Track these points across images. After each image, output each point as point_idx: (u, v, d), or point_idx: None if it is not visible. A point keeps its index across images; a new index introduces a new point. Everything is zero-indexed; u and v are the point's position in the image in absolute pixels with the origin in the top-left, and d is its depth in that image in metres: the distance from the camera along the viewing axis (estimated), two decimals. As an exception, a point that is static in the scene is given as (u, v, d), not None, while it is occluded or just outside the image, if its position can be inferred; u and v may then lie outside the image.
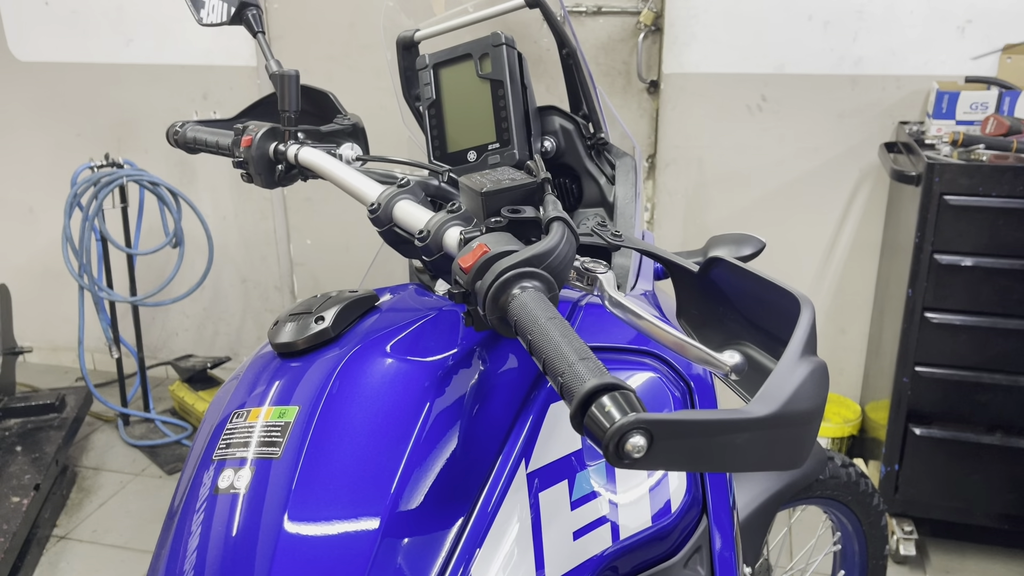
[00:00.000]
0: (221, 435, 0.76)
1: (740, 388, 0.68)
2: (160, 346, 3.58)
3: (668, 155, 2.81)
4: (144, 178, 2.94)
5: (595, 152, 1.08)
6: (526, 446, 0.78)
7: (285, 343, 0.82)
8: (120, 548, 2.54)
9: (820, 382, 0.57)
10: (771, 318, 0.65)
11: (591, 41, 2.78)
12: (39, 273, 3.55)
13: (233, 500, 0.70)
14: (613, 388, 0.52)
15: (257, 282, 3.40)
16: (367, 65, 2.96)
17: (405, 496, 0.70)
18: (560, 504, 0.80)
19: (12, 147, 3.45)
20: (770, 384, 0.55)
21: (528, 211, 0.72)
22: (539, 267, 0.64)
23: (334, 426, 0.73)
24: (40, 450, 2.68)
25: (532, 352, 0.59)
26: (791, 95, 2.64)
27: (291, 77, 1.00)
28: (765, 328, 0.68)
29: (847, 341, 2.82)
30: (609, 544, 0.84)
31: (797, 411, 0.54)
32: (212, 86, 3.15)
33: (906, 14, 2.48)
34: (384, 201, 0.80)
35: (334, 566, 0.66)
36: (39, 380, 3.45)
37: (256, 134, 1.00)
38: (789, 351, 0.57)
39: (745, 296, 0.71)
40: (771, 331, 0.66)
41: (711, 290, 0.76)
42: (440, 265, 0.74)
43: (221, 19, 1.09)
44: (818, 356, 0.58)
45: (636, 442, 0.50)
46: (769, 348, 0.67)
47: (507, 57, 0.95)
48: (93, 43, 3.21)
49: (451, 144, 1.01)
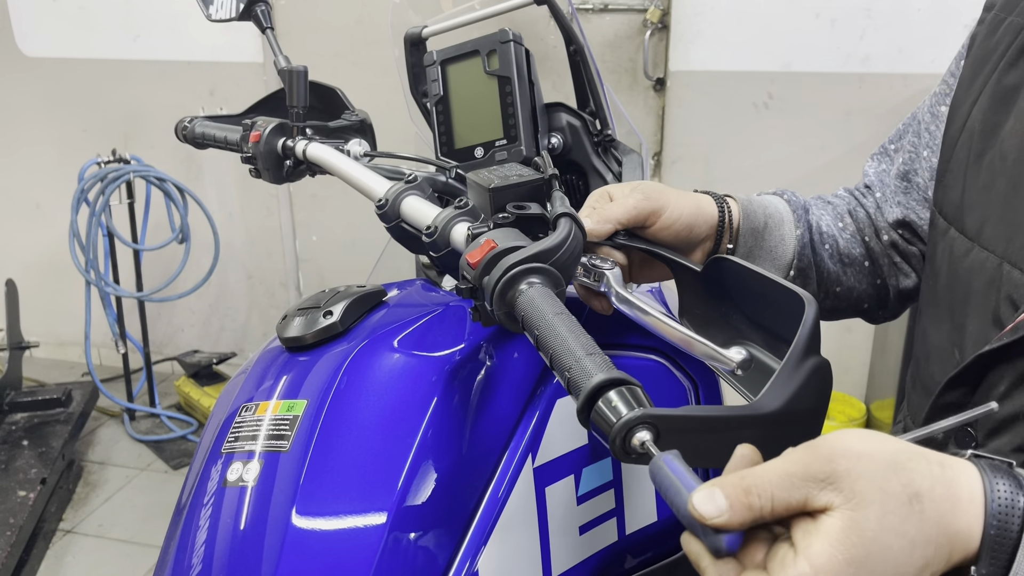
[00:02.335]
0: (230, 428, 0.77)
1: (742, 386, 0.68)
2: (166, 342, 3.59)
3: (674, 152, 2.81)
4: (151, 174, 2.95)
5: (602, 149, 1.08)
6: (533, 441, 0.78)
7: (293, 337, 0.83)
8: (126, 542, 2.56)
9: (823, 381, 0.58)
10: (774, 317, 0.65)
11: (597, 38, 2.78)
12: (46, 268, 3.56)
13: (242, 493, 0.71)
14: (620, 383, 0.53)
15: (263, 278, 3.41)
16: (374, 62, 2.96)
17: (412, 490, 0.70)
18: (566, 499, 0.80)
19: (19, 143, 3.46)
20: (775, 382, 0.56)
21: (533, 207, 0.72)
22: (546, 263, 0.64)
23: (342, 420, 0.73)
24: (47, 444, 2.69)
25: (539, 347, 0.60)
26: (798, 93, 2.64)
27: (300, 73, 1.00)
28: (768, 327, 0.68)
29: (852, 340, 2.81)
30: (615, 538, 0.85)
31: (801, 409, 0.55)
32: (219, 82, 3.16)
33: (914, 12, 2.48)
34: (392, 197, 0.80)
35: (342, 559, 0.67)
36: (46, 375, 3.46)
37: (264, 130, 1.01)
38: (793, 350, 0.57)
39: (748, 295, 0.71)
40: (774, 330, 0.66)
41: (714, 289, 0.76)
42: (447, 261, 0.74)
43: (230, 15, 1.09)
44: (822, 355, 0.58)
45: (642, 437, 0.51)
46: (772, 347, 0.67)
47: (515, 54, 0.96)
48: (100, 39, 3.22)
49: (458, 140, 1.01)
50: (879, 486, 0.47)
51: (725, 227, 0.87)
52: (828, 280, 0.95)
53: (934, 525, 0.47)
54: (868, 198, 1.00)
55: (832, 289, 0.96)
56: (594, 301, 0.79)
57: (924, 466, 0.48)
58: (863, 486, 0.47)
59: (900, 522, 0.46)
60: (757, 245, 0.90)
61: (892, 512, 0.46)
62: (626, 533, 0.85)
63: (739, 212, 0.89)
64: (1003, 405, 0.71)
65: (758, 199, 0.93)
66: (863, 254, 0.97)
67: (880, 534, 0.46)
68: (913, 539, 0.46)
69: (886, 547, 0.46)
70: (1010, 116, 0.77)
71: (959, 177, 0.83)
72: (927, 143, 0.94)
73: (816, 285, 0.94)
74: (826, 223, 0.96)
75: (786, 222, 0.93)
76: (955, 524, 0.47)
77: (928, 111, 0.95)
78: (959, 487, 0.48)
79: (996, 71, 0.81)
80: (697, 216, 0.84)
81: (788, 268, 0.92)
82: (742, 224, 0.89)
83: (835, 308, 0.98)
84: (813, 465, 0.48)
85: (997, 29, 0.83)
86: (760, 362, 0.69)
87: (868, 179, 1.02)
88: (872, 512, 0.46)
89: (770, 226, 0.91)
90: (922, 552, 0.46)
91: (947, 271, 0.82)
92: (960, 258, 0.80)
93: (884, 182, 0.99)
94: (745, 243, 0.89)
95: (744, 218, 0.89)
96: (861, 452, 0.48)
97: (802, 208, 0.96)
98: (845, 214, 0.99)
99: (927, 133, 0.94)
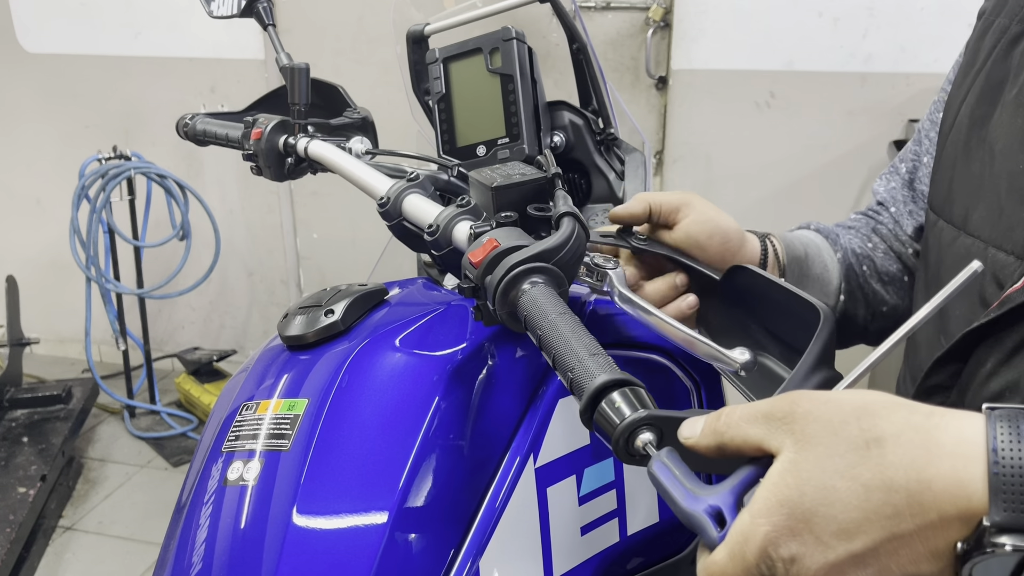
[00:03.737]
0: (230, 427, 0.77)
1: (747, 388, 0.68)
2: (166, 339, 3.59)
3: (676, 151, 2.80)
4: (152, 171, 2.95)
5: (604, 147, 1.07)
6: (535, 441, 0.78)
7: (295, 336, 0.82)
8: (125, 539, 2.55)
9: None
10: (792, 329, 0.65)
11: (600, 36, 2.77)
12: (46, 265, 3.56)
13: (242, 492, 0.70)
14: (623, 384, 0.52)
15: (263, 275, 3.41)
16: (375, 59, 2.96)
17: (414, 490, 0.70)
18: (568, 499, 0.80)
19: (20, 139, 3.46)
20: (783, 389, 0.55)
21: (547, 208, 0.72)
22: (549, 262, 0.64)
23: (343, 419, 0.73)
24: (47, 441, 2.69)
25: (542, 347, 0.59)
26: (800, 92, 2.64)
27: (301, 70, 1.00)
28: (784, 339, 0.68)
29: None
30: (617, 539, 0.84)
31: None
32: (220, 79, 3.16)
33: (916, 11, 2.47)
34: (394, 195, 0.80)
35: (343, 559, 0.66)
36: (46, 371, 3.46)
37: (266, 127, 1.01)
38: (804, 360, 0.57)
39: (766, 305, 0.70)
40: (791, 342, 0.66)
41: (732, 298, 0.76)
42: (449, 260, 0.74)
43: (232, 12, 1.09)
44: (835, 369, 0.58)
45: (645, 438, 0.50)
46: (786, 359, 0.67)
47: (517, 51, 0.95)
48: (102, 35, 3.22)
49: (460, 138, 1.00)
50: (832, 430, 0.45)
51: (770, 260, 0.87)
52: (874, 301, 0.96)
53: (901, 471, 0.43)
54: (883, 215, 1.01)
55: (879, 310, 0.96)
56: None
57: (901, 414, 0.45)
58: (814, 429, 0.46)
59: (849, 466, 0.44)
60: (803, 275, 0.91)
61: (840, 455, 0.44)
62: (628, 534, 0.85)
63: (781, 245, 0.90)
64: (991, 382, 0.71)
65: (792, 233, 0.94)
66: (900, 269, 0.98)
67: (819, 476, 0.44)
68: (868, 484, 0.44)
69: (826, 488, 0.44)
70: (997, 107, 0.79)
71: (948, 170, 0.85)
72: (927, 149, 0.95)
73: (864, 308, 0.95)
74: (858, 245, 0.97)
75: (824, 248, 0.94)
76: (931, 469, 0.43)
77: (928, 119, 0.96)
78: (941, 433, 0.44)
79: (984, 68, 0.83)
80: (734, 231, 0.83)
81: (838, 294, 0.93)
82: (787, 253, 0.89)
83: (883, 329, 0.97)
84: (777, 404, 0.48)
85: (987, 31, 0.85)
86: (772, 373, 0.68)
87: (879, 196, 1.02)
88: (813, 454, 0.45)
89: (810, 255, 0.92)
90: (883, 498, 0.43)
91: (935, 261, 0.84)
92: (947, 247, 0.81)
93: (895, 197, 1.00)
94: (792, 273, 0.90)
95: (787, 247, 0.90)
96: (831, 398, 0.47)
97: (833, 234, 0.97)
98: (871, 234, 0.99)
99: (927, 140, 0.95)
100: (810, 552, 0.44)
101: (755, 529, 0.45)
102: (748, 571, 0.45)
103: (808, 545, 0.44)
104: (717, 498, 0.47)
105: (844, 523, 0.44)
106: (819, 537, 0.44)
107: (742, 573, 0.45)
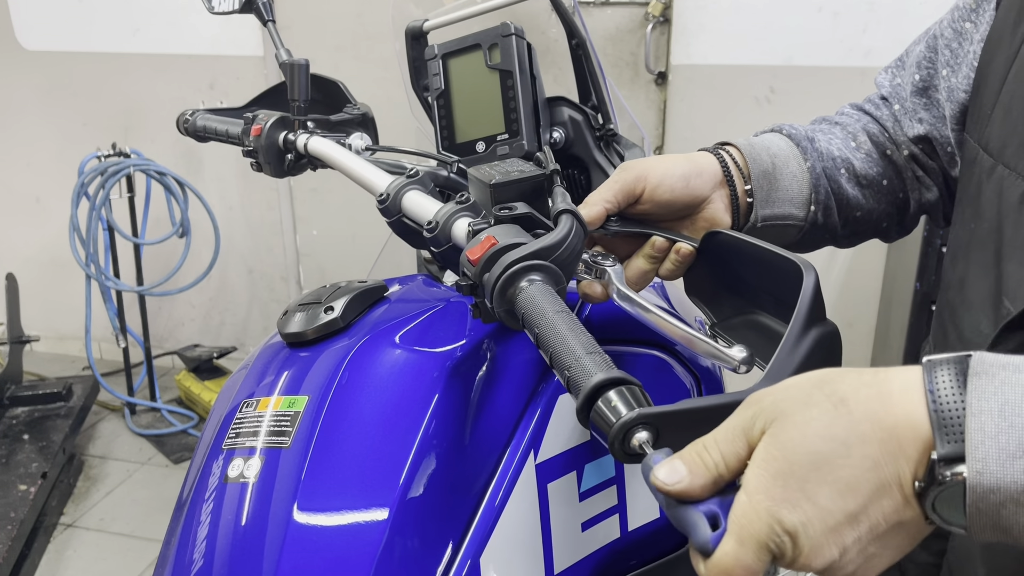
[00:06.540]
0: (231, 424, 0.77)
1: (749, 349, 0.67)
2: (166, 336, 3.59)
3: (676, 147, 2.80)
4: (151, 168, 2.95)
5: (604, 143, 1.07)
6: (535, 437, 0.78)
7: (295, 333, 0.82)
8: (126, 536, 2.56)
9: (831, 347, 0.58)
10: (779, 283, 0.65)
11: (599, 32, 2.77)
12: (46, 262, 3.56)
13: (243, 489, 0.71)
14: (619, 383, 0.53)
15: (263, 272, 3.41)
16: (374, 55, 2.95)
17: (414, 486, 0.70)
18: (568, 495, 0.80)
19: (19, 136, 3.45)
20: (775, 362, 0.56)
21: (520, 207, 0.71)
22: (547, 260, 0.64)
23: (343, 416, 0.73)
24: (47, 438, 2.69)
25: (539, 345, 0.59)
26: (799, 87, 2.63)
27: (301, 66, 1.00)
28: (773, 293, 0.69)
29: (854, 335, 2.81)
30: (617, 535, 0.84)
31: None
32: (219, 76, 3.15)
33: (916, 5, 2.47)
34: (393, 192, 0.80)
35: (343, 556, 0.66)
36: (46, 369, 3.46)
37: (266, 123, 1.00)
38: (794, 323, 0.57)
39: (749, 265, 0.71)
40: (780, 296, 0.66)
41: (715, 264, 0.76)
42: (448, 256, 0.74)
43: (232, 8, 1.09)
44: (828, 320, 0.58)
45: (641, 437, 0.50)
46: (782, 314, 0.67)
47: (516, 47, 0.95)
48: (100, 32, 3.21)
49: (460, 135, 1.00)
50: (802, 401, 0.47)
51: (733, 172, 0.84)
52: (848, 207, 0.91)
53: (867, 423, 0.46)
54: (884, 110, 0.95)
55: (852, 215, 0.92)
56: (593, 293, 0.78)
57: (853, 376, 0.48)
58: (785, 406, 0.47)
59: (826, 427, 0.46)
60: (772, 188, 0.86)
61: (815, 419, 0.46)
62: (628, 530, 0.85)
63: (743, 157, 0.86)
64: None
65: (758, 140, 0.90)
66: (880, 172, 0.92)
67: (802, 442, 0.46)
68: (846, 440, 0.46)
69: (812, 452, 0.46)
70: None
71: (1015, 112, 0.73)
72: (947, 61, 0.87)
73: (837, 215, 0.91)
74: (837, 147, 0.92)
75: (792, 158, 0.89)
76: (890, 417, 0.46)
77: (950, 27, 0.87)
78: (890, 383, 0.47)
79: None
80: (690, 168, 0.81)
81: (807, 204, 0.88)
82: (752, 168, 0.85)
83: (854, 233, 0.94)
84: (745, 410, 0.49)
85: None
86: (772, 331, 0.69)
87: (884, 90, 0.96)
88: (790, 424, 0.47)
89: (778, 166, 0.87)
90: (862, 451, 0.45)
91: (997, 213, 0.74)
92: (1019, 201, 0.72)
93: (901, 96, 0.94)
94: (760, 189, 0.85)
95: (751, 162, 0.85)
96: (789, 384, 0.49)
97: (806, 139, 0.91)
98: (859, 132, 0.94)
99: (947, 50, 0.87)
100: (811, 521, 0.45)
101: (756, 506, 0.45)
102: (760, 551, 0.45)
103: (808, 514, 0.45)
104: (712, 500, 0.47)
105: (835, 484, 0.45)
106: (816, 502, 0.45)
107: (754, 555, 0.45)
